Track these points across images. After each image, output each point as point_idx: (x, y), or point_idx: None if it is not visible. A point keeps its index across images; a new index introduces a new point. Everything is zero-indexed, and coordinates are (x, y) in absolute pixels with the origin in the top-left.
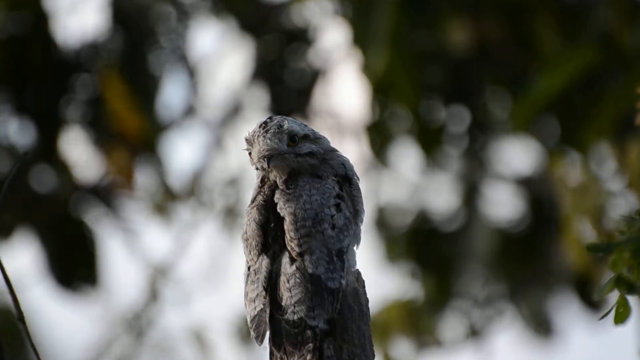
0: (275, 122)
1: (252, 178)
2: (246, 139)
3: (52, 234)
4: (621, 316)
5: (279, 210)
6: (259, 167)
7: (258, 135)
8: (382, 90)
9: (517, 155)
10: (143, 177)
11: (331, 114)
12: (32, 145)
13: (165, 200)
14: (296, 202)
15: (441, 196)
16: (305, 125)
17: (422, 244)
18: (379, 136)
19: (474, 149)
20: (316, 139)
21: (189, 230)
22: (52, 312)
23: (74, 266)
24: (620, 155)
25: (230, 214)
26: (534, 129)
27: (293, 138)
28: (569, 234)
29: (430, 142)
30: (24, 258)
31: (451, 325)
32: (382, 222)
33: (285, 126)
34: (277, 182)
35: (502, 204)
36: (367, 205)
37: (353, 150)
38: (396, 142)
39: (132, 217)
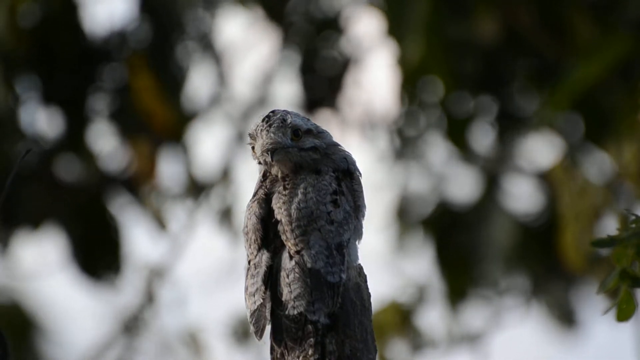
0: (278, 116)
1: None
2: (249, 134)
3: (77, 223)
4: (625, 312)
5: (275, 215)
6: (261, 161)
7: (261, 130)
8: (413, 81)
9: (540, 150)
10: (167, 168)
11: (361, 103)
12: (59, 133)
13: (189, 191)
14: (291, 203)
15: (463, 187)
16: (308, 120)
17: (441, 233)
18: (407, 127)
19: (500, 140)
20: (319, 133)
21: (186, 230)
22: (74, 301)
23: (98, 255)
24: (618, 155)
25: (227, 215)
26: (558, 126)
27: (296, 132)
28: (567, 234)
29: (458, 132)
30: (49, 247)
31: (452, 324)
32: (403, 211)
33: (289, 120)
34: (279, 177)
35: (522, 198)
36: (390, 195)
37: (382, 140)
38: (424, 133)
39: (144, 213)
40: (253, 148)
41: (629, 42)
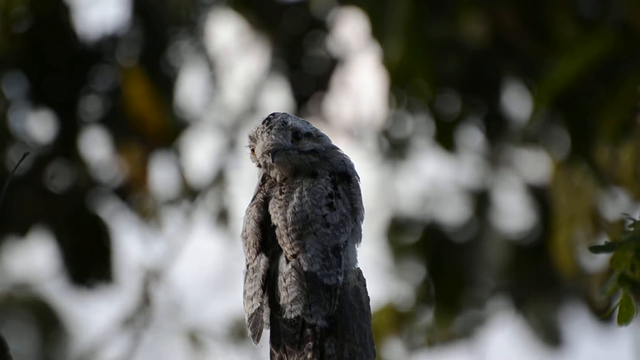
0: (278, 118)
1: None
2: (249, 136)
3: (68, 230)
4: (625, 316)
5: (272, 220)
6: (261, 162)
7: (262, 132)
8: (399, 82)
9: (529, 165)
10: (159, 173)
11: (348, 105)
12: (51, 139)
13: (173, 201)
14: (287, 207)
15: (453, 207)
16: (308, 123)
17: (433, 253)
18: (395, 130)
19: (489, 142)
20: (318, 137)
21: (184, 232)
22: (66, 308)
23: (89, 263)
24: (614, 156)
25: (224, 216)
26: (545, 140)
27: (297, 135)
28: (560, 236)
29: (446, 134)
30: (40, 254)
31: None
32: (394, 232)
33: (289, 123)
34: (277, 179)
35: (513, 215)
36: (381, 205)
37: (369, 144)
38: (412, 136)
39: (139, 216)
40: (253, 151)
41: (611, 41)
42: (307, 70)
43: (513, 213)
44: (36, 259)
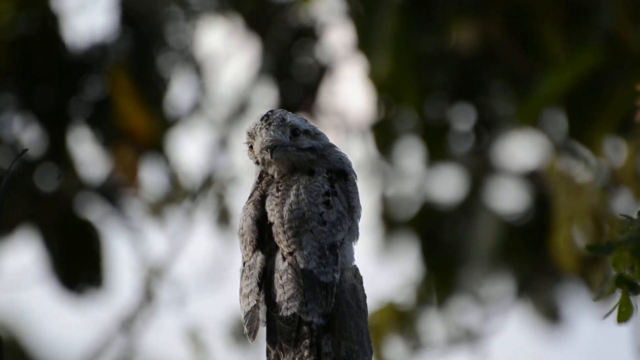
0: (277, 115)
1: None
2: (248, 132)
3: (57, 233)
4: (624, 315)
5: (269, 217)
6: (260, 159)
7: (260, 128)
8: (387, 92)
9: (522, 149)
10: (149, 176)
11: (337, 111)
12: (39, 143)
13: (171, 200)
14: (283, 205)
15: (446, 188)
16: (306, 121)
17: (426, 233)
18: (385, 135)
19: (480, 143)
20: (316, 134)
21: (184, 231)
22: (53, 313)
23: (78, 267)
24: (616, 154)
25: (224, 215)
26: (540, 124)
27: (295, 132)
28: (560, 234)
29: (436, 140)
30: (26, 257)
31: (446, 324)
32: (387, 213)
33: (288, 119)
34: (275, 177)
35: (507, 198)
36: (372, 199)
37: (359, 148)
38: (402, 141)
39: (136, 216)
40: (251, 147)
41: (600, 54)
42: (296, 78)
43: (506, 196)
44: (24, 263)
